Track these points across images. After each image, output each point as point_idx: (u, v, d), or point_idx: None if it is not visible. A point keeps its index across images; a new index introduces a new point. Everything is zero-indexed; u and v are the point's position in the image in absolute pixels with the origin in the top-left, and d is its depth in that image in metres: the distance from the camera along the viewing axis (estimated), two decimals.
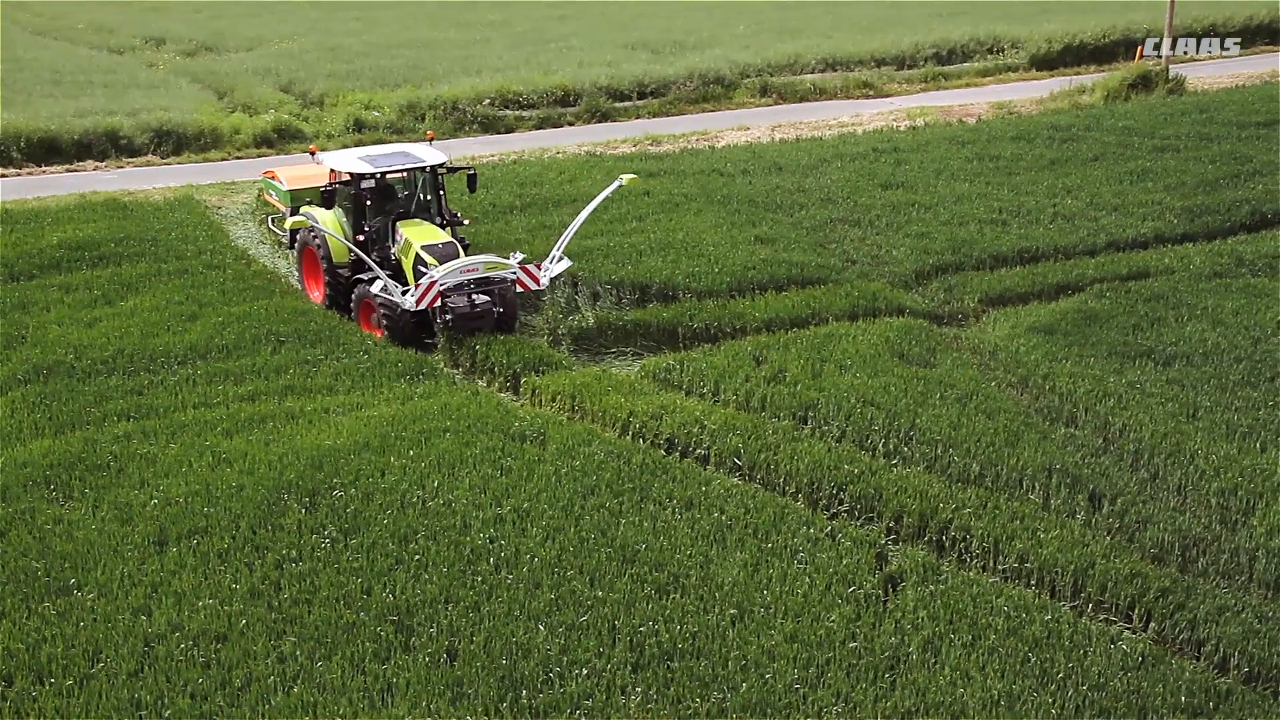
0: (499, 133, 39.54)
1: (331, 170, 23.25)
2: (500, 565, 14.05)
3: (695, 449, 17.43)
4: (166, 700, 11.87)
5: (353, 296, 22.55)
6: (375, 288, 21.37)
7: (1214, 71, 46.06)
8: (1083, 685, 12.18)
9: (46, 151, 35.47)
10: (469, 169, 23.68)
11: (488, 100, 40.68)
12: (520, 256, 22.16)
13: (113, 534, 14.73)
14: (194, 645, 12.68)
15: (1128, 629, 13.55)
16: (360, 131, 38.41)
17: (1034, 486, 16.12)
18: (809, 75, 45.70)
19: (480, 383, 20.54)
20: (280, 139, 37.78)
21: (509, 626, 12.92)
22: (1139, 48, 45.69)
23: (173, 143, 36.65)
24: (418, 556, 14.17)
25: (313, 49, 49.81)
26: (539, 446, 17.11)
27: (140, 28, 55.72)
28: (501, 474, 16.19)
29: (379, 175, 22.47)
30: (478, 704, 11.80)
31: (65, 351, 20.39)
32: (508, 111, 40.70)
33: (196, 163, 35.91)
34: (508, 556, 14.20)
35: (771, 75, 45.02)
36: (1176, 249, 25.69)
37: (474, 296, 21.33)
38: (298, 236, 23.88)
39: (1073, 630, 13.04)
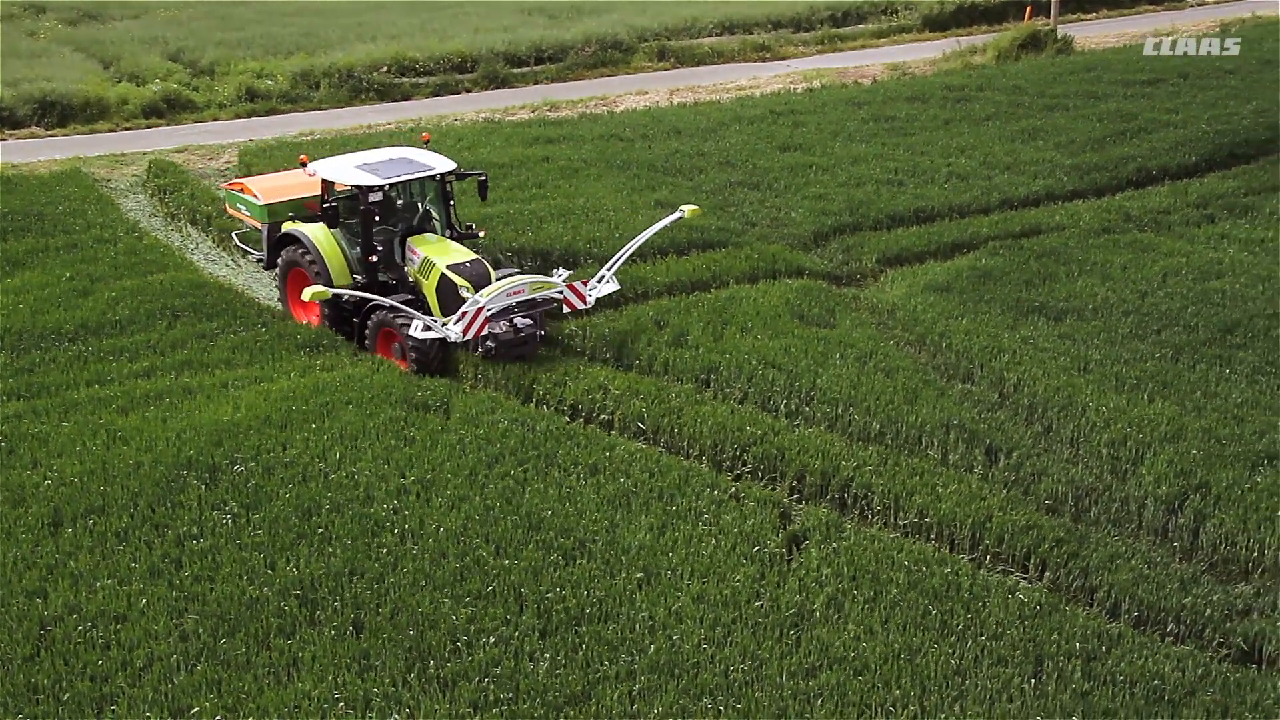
0: (395, 100, 39.07)
1: (324, 182, 20.42)
2: (405, 536, 13.99)
3: (599, 414, 17.47)
4: (65, 684, 11.67)
5: (368, 324, 19.81)
6: (416, 331, 18.56)
7: (1100, 30, 46.92)
8: (981, 635, 12.45)
9: None
10: (480, 175, 21.18)
11: (384, 68, 40.17)
12: (565, 274, 20.19)
13: (4, 516, 14.40)
14: (92, 627, 12.47)
15: (1024, 579, 13.86)
16: (253, 101, 37.75)
17: (932, 443, 16.40)
18: (706, 39, 45.74)
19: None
20: (170, 109, 36.99)
21: (415, 597, 12.89)
22: (1028, 8, 46.38)
23: (57, 114, 35.67)
24: (321, 530, 14.06)
25: (201, 16, 48.77)
26: (442, 416, 17.04)
27: None
28: (405, 445, 16.10)
29: (387, 187, 19.92)
30: (385, 676, 11.77)
31: None
32: (404, 79, 40.22)
33: (83, 134, 35.00)
34: (413, 527, 14.14)
35: (669, 39, 45.00)
36: (1067, 206, 26.22)
37: (516, 320, 19.17)
38: (282, 255, 21.17)
39: (971, 582, 13.31)
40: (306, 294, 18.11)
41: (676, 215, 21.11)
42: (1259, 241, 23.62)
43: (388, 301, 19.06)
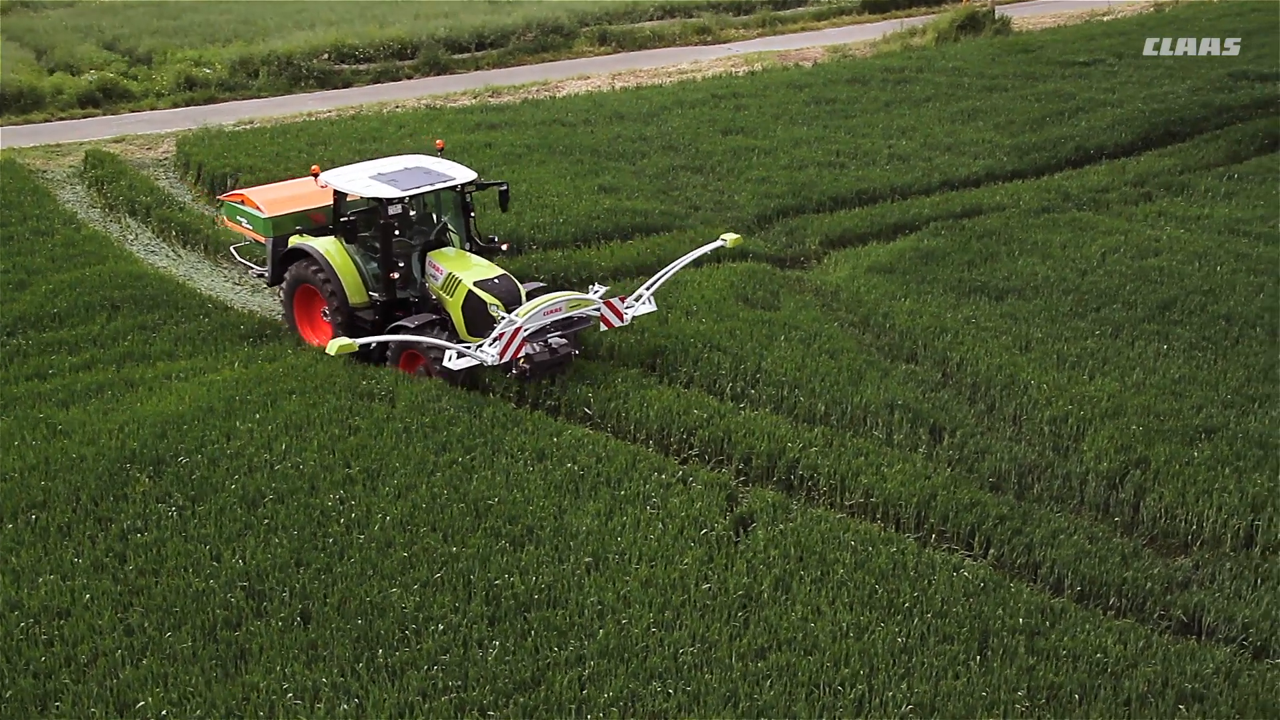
0: (336, 88, 38.76)
1: (336, 194, 19.25)
2: (351, 526, 13.93)
3: (545, 400, 17.46)
4: (7, 681, 11.54)
5: (389, 345, 18.54)
6: (451, 361, 17.25)
7: (1037, 11, 47.32)
8: (927, 613, 12.56)
9: None
10: (500, 184, 19.81)
11: (323, 55, 39.83)
12: (601, 290, 19.11)
13: None
14: (35, 623, 12.34)
15: (969, 556, 14.00)
16: (192, 89, 37.34)
17: (877, 423, 16.53)
18: (647, 23, 45.73)
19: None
20: (107, 99, 36.53)
21: (363, 586, 12.85)
22: None
23: None
24: (267, 521, 13.97)
25: (137, 4, 48.18)
26: (388, 404, 16.95)
27: None
28: (351, 434, 16.01)
29: (407, 199, 18.71)
30: (333, 665, 11.73)
31: None
32: (344, 66, 39.92)
33: (17, 125, 34.50)
34: (359, 516, 14.08)
35: (610, 23, 44.93)
36: (1007, 186, 26.46)
37: (550, 339, 18.16)
38: (289, 271, 19.74)
39: (917, 560, 13.43)
40: (332, 348, 16.54)
41: (718, 243, 20.03)
42: (1195, 219, 23.95)
43: (425, 340, 17.76)
